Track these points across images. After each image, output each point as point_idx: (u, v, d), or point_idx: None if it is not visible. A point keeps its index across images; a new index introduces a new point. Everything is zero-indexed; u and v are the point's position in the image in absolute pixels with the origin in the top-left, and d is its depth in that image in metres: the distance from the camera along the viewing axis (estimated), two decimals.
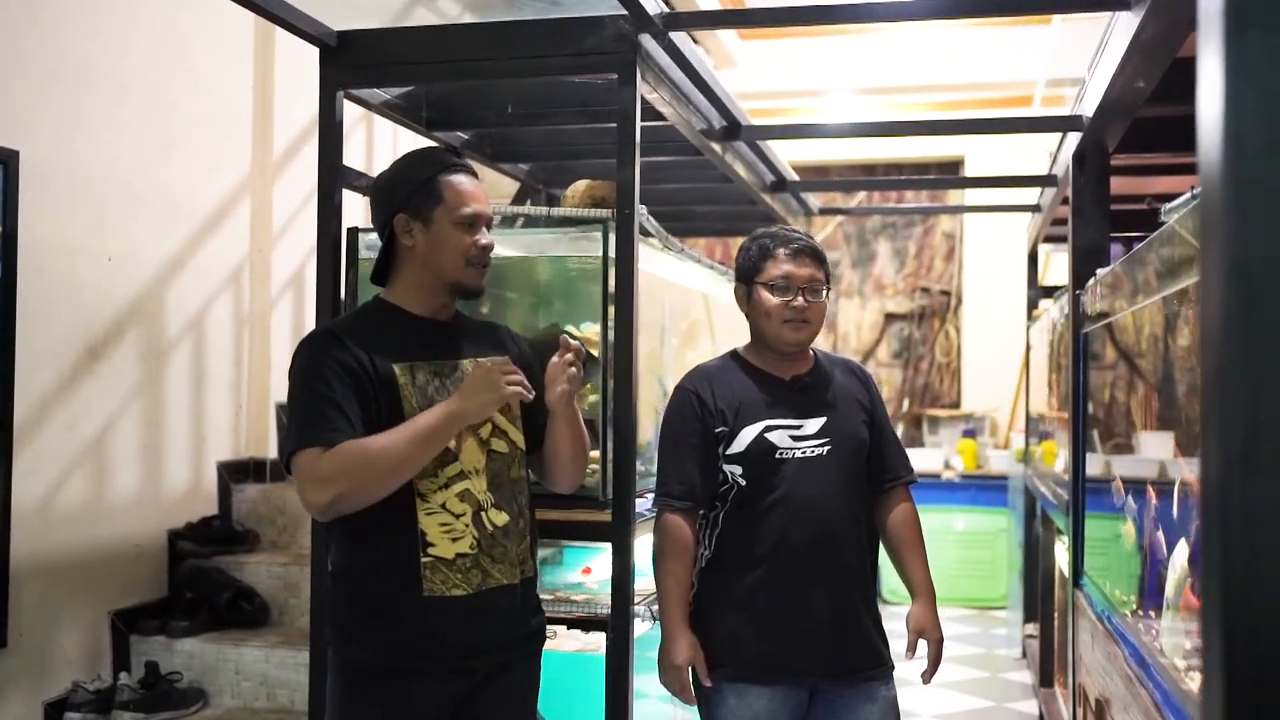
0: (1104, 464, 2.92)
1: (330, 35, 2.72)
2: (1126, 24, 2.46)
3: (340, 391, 1.98)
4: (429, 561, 2.04)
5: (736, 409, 2.42)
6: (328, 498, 1.94)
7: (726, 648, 2.39)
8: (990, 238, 8.04)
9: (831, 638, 2.39)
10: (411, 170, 2.15)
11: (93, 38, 3.66)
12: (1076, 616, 3.26)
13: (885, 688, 2.44)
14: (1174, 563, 1.99)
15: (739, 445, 2.40)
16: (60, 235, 3.51)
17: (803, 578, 2.38)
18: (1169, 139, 3.29)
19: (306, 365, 2.03)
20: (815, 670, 2.39)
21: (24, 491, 3.35)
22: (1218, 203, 0.75)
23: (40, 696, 3.43)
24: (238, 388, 4.44)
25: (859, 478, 2.48)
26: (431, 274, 2.14)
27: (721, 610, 2.41)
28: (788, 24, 3.12)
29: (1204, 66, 0.79)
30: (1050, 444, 4.98)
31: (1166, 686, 2.03)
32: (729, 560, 2.42)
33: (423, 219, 2.11)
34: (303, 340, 2.11)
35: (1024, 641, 5.70)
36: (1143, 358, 2.43)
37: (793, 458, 2.40)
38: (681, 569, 2.41)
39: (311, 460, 1.94)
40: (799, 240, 2.46)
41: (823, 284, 2.45)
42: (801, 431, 2.43)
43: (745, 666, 2.37)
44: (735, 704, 2.37)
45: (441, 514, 2.06)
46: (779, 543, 2.37)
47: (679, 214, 4.93)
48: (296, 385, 2.03)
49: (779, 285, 2.41)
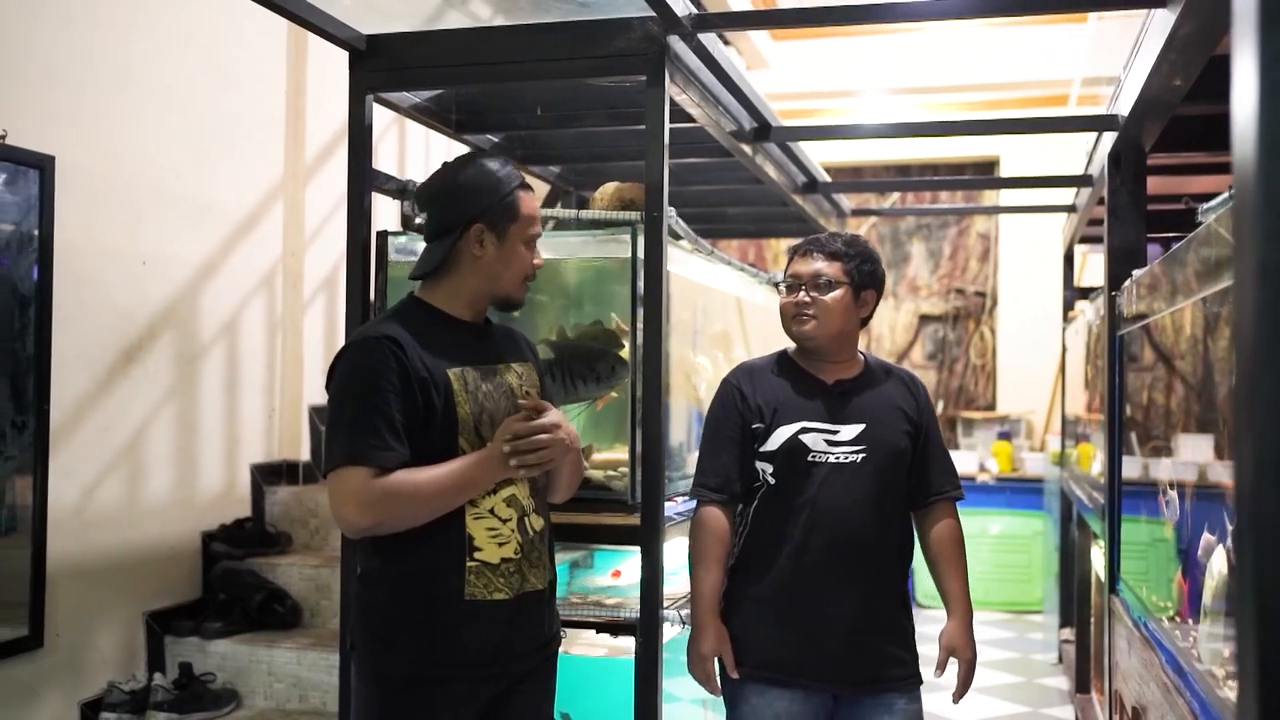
0: (1142, 467, 2.88)
1: (359, 39, 2.73)
2: (1163, 21, 2.42)
3: (394, 404, 1.95)
4: (474, 566, 2.03)
5: (775, 407, 2.45)
6: (368, 522, 1.94)
7: (748, 646, 2.42)
8: (1025, 238, 7.97)
9: (849, 646, 2.38)
10: (491, 182, 2.11)
11: (125, 41, 3.70)
12: (1113, 622, 3.22)
13: (906, 700, 2.42)
14: (1212, 568, 1.96)
15: (773, 444, 2.43)
16: (95, 239, 3.55)
17: (822, 584, 2.38)
18: (1207, 137, 3.23)
19: (361, 372, 1.98)
20: (832, 677, 2.39)
21: (60, 493, 3.38)
22: (1250, 203, 0.73)
23: (76, 696, 3.46)
24: (270, 390, 4.46)
25: (894, 488, 2.46)
26: (489, 285, 2.13)
27: (744, 609, 2.45)
28: (818, 24, 3.10)
29: (1238, 65, 0.77)
30: (1087, 447, 4.92)
31: (1205, 695, 1.99)
32: (754, 560, 2.45)
33: (498, 233, 2.09)
34: (354, 343, 2.05)
35: (1060, 646, 5.64)
36: (1181, 359, 2.39)
37: (825, 462, 2.41)
38: (715, 560, 2.46)
39: (360, 481, 1.92)
40: (814, 240, 2.52)
41: (833, 280, 2.45)
42: (837, 437, 2.43)
43: (764, 667, 2.40)
44: (756, 703, 2.40)
45: (490, 519, 2.06)
46: (802, 547, 2.38)
47: (710, 215, 4.92)
48: (347, 391, 1.99)
49: (788, 284, 2.50)
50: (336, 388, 2.02)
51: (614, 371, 2.68)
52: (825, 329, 2.45)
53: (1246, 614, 0.74)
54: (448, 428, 2.02)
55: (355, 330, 2.21)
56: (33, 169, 3.25)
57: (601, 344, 2.72)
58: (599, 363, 2.69)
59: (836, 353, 2.50)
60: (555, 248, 2.78)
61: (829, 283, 2.45)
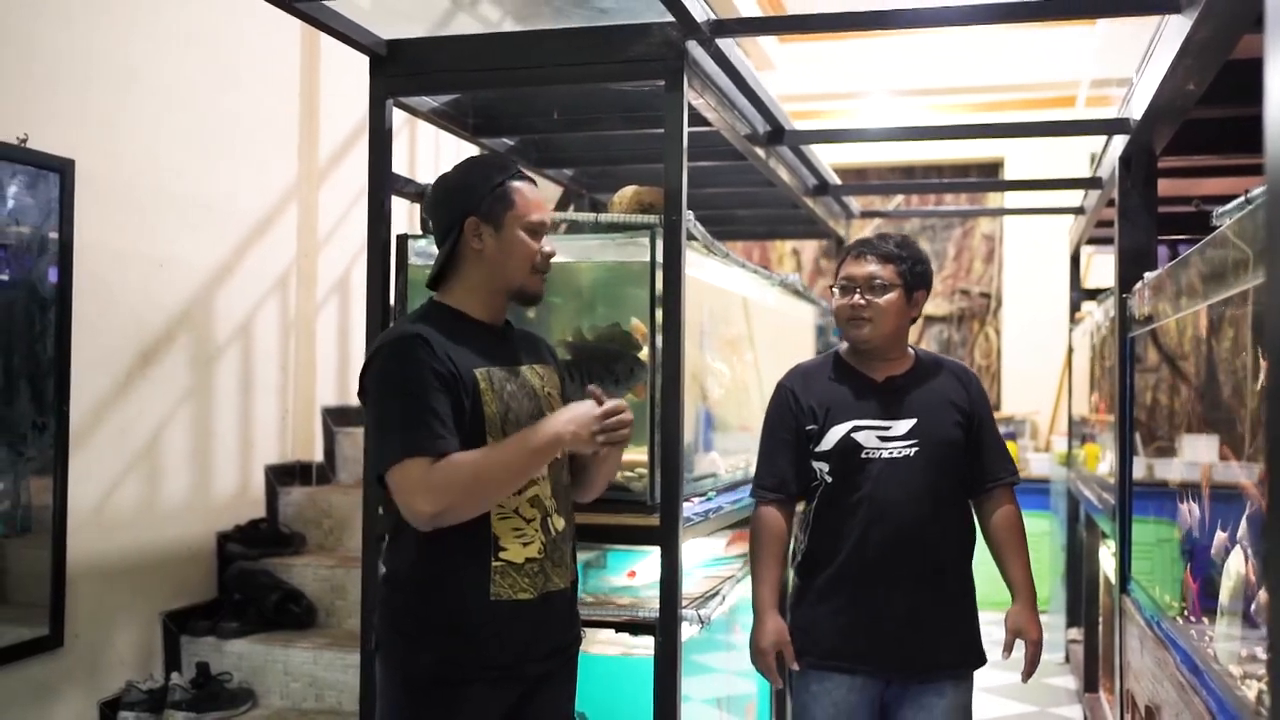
0: (1154, 468, 2.90)
1: (380, 44, 2.75)
2: (1177, 27, 2.44)
3: (436, 398, 1.98)
4: (499, 566, 2.05)
5: (827, 407, 2.55)
6: (437, 509, 1.94)
7: (810, 638, 2.54)
8: (1030, 239, 7.99)
9: (907, 636, 2.49)
10: (481, 175, 2.15)
11: (146, 45, 3.72)
12: (1124, 622, 3.24)
13: (955, 687, 2.53)
14: (1229, 568, 1.99)
15: (827, 443, 2.53)
16: (113, 242, 3.57)
17: (882, 576, 2.48)
18: (1217, 140, 3.26)
19: (401, 369, 2.00)
20: (890, 664, 2.50)
21: (79, 495, 3.41)
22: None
23: (95, 696, 3.48)
24: (284, 392, 4.49)
25: (949, 479, 2.56)
26: (497, 278, 2.14)
27: (808, 602, 2.57)
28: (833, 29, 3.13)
29: (1271, 81, 0.80)
30: (1093, 447, 4.95)
31: (1221, 694, 2.02)
32: (817, 555, 2.56)
33: (494, 223, 2.11)
34: (386, 343, 2.06)
35: (1067, 646, 5.66)
36: (1193, 362, 2.41)
37: (878, 458, 2.50)
38: (772, 557, 2.58)
39: (421, 470, 1.93)
40: (866, 241, 2.59)
41: (887, 282, 2.53)
42: (890, 432, 2.52)
43: (826, 656, 2.52)
44: (816, 690, 2.52)
45: (514, 519, 2.08)
46: (860, 541, 2.48)
47: (720, 218, 4.94)
48: (391, 389, 2.00)
49: (841, 286, 2.58)
50: (378, 387, 2.03)
51: (632, 373, 2.70)
52: (880, 331, 2.54)
53: (1275, 610, 0.76)
54: (475, 426, 2.04)
55: (381, 334, 2.22)
56: (53, 172, 3.28)
57: (619, 346, 2.74)
58: (617, 364, 2.72)
59: (888, 351, 2.59)
60: (575, 251, 2.80)
61: (883, 285, 2.53)
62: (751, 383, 3.80)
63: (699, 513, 2.81)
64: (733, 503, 3.12)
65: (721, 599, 3.00)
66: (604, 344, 2.76)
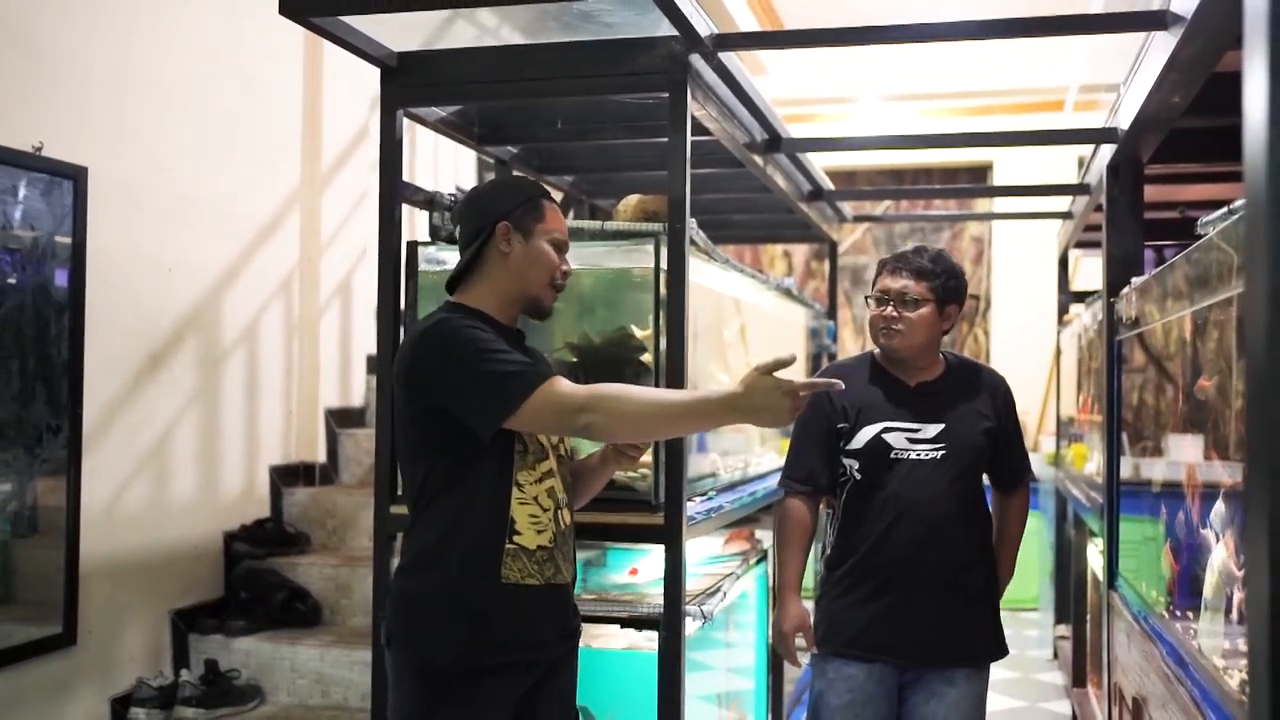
0: (1141, 468, 2.99)
1: (391, 57, 2.82)
2: (1163, 43, 2.52)
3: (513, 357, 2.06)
4: (512, 549, 2.11)
5: (860, 408, 2.67)
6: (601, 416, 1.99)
7: (834, 627, 2.67)
8: (1018, 242, 8.08)
9: (926, 629, 2.62)
10: (516, 188, 2.28)
11: (155, 53, 3.80)
12: (1112, 618, 3.32)
13: (969, 678, 2.66)
14: (1213, 564, 2.07)
15: (858, 442, 2.65)
16: (124, 247, 3.64)
17: (905, 571, 2.61)
18: (1202, 149, 3.35)
19: (467, 336, 2.05)
20: (907, 654, 2.63)
21: (91, 495, 3.48)
22: (1262, 230, 0.83)
23: (107, 692, 3.55)
24: (288, 393, 4.56)
25: (973, 482, 2.70)
26: (518, 285, 2.21)
27: (834, 592, 2.69)
28: (831, 44, 3.22)
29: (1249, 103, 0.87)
30: (1080, 447, 5.04)
31: (1206, 684, 2.10)
32: (844, 549, 2.69)
33: (524, 231, 2.19)
34: (432, 327, 2.09)
35: (1055, 643, 5.74)
36: (1180, 364, 2.50)
37: (906, 459, 2.63)
38: (797, 546, 2.73)
39: (554, 386, 2.01)
40: (902, 256, 2.71)
41: (919, 298, 2.65)
42: (919, 435, 2.64)
43: (847, 645, 2.64)
44: (834, 677, 2.65)
45: (533, 505, 2.14)
46: (885, 537, 2.61)
47: (717, 222, 5.01)
48: (467, 355, 2.03)
49: (877, 298, 2.70)
50: (449, 356, 2.05)
51: (638, 377, 2.78)
52: (909, 342, 2.67)
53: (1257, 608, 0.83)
54: (505, 431, 2.09)
55: (413, 329, 2.20)
56: (67, 179, 3.35)
57: (625, 350, 2.82)
58: (624, 368, 2.80)
59: (920, 360, 2.71)
60: (581, 258, 2.87)
61: (915, 300, 2.65)
62: None
63: (701, 511, 2.88)
64: (732, 502, 3.20)
65: (723, 595, 3.08)
66: (611, 347, 2.84)
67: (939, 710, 2.63)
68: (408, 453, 2.18)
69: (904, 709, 2.67)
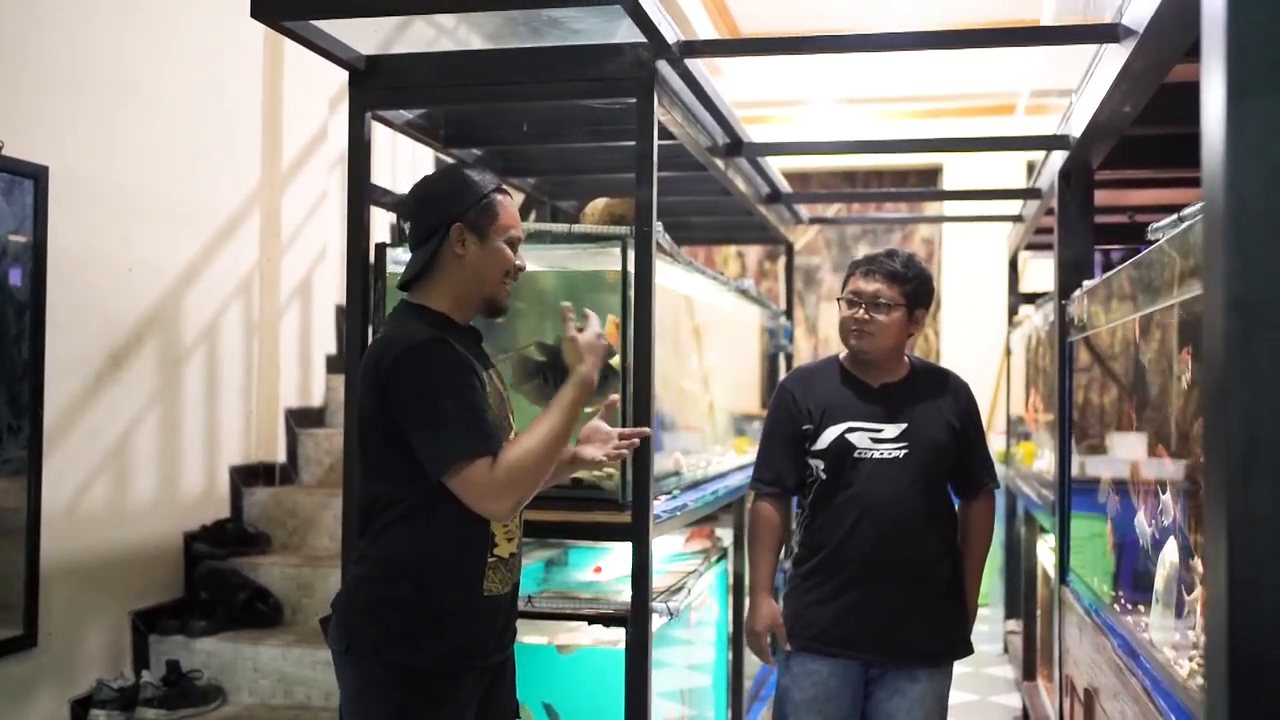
0: (1092, 466, 3.07)
1: (360, 60, 2.84)
2: (1115, 55, 2.61)
3: (480, 399, 2.07)
4: (493, 561, 2.13)
5: (824, 409, 2.72)
6: (511, 504, 2.05)
7: (799, 622, 2.72)
8: (969, 243, 8.20)
9: (890, 627, 2.66)
10: (469, 185, 2.19)
11: (117, 54, 3.78)
12: (1064, 612, 3.41)
13: (931, 675, 2.73)
14: (1163, 559, 2.15)
15: (822, 443, 2.70)
16: (85, 246, 3.62)
17: (869, 568, 2.65)
18: (1150, 155, 3.45)
19: (442, 369, 2.04)
20: (873, 651, 2.68)
21: (52, 495, 3.46)
22: (1219, 242, 0.87)
23: (67, 694, 3.54)
24: (248, 393, 4.55)
25: (936, 480, 2.75)
26: (473, 285, 2.19)
27: (800, 589, 2.74)
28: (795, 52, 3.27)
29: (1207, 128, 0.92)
30: (1029, 445, 5.15)
31: (1156, 674, 2.18)
32: (810, 547, 2.73)
33: (478, 232, 2.16)
34: (413, 345, 2.05)
35: (1006, 637, 5.85)
36: (1130, 366, 2.58)
37: (870, 458, 2.68)
38: (767, 546, 2.79)
39: (486, 471, 2.01)
40: (875, 259, 2.74)
41: (891, 302, 2.69)
42: (882, 435, 2.69)
43: (814, 640, 2.69)
44: (798, 672, 2.71)
45: None
46: (850, 534, 2.66)
47: (677, 224, 5.05)
48: (438, 390, 2.03)
49: (848, 300, 2.74)
50: (420, 389, 2.04)
51: (605, 379, 2.81)
52: (879, 345, 2.72)
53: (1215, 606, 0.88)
54: None
55: (384, 338, 2.17)
56: (27, 179, 3.33)
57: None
58: None
59: (886, 362, 2.76)
60: (549, 260, 2.92)
61: (887, 304, 2.69)
62: (708, 384, 3.93)
63: (667, 510, 2.93)
64: (695, 500, 3.25)
65: (688, 592, 3.13)
66: None
67: (901, 706, 2.69)
68: (375, 455, 2.12)
69: (868, 704, 2.73)
